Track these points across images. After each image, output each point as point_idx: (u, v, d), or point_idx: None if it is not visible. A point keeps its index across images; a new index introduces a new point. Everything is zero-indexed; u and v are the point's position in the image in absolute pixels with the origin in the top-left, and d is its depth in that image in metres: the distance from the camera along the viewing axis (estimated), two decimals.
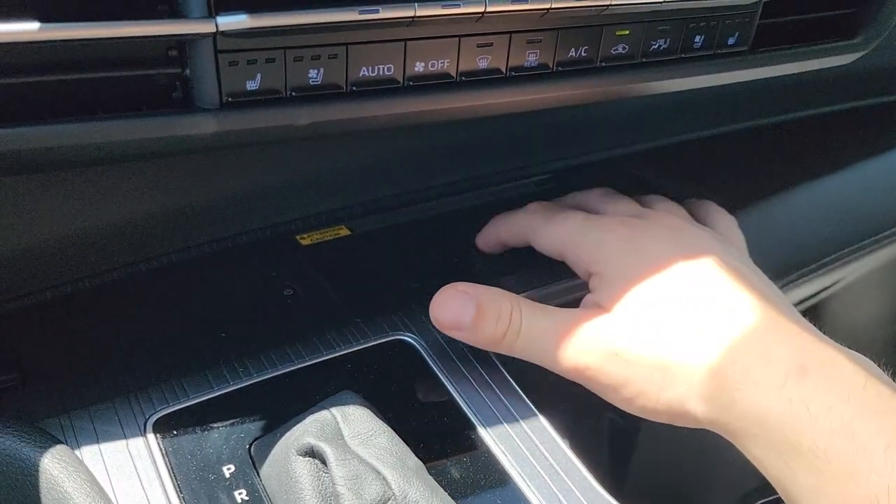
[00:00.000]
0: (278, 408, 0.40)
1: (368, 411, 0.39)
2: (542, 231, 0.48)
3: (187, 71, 0.36)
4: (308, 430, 0.37)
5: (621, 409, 0.42)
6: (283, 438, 0.38)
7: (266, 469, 0.38)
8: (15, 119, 0.33)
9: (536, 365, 0.43)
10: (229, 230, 0.53)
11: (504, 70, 0.41)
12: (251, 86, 0.36)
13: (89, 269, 0.49)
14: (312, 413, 0.38)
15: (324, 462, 0.36)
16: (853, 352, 0.40)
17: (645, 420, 0.42)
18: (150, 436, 0.39)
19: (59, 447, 0.37)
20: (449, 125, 0.53)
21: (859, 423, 0.34)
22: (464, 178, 0.61)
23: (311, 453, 0.36)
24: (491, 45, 0.40)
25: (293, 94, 0.37)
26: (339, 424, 0.37)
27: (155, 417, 0.40)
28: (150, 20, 0.33)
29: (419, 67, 0.39)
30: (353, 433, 0.37)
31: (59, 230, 0.46)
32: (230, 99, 0.36)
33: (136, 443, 0.38)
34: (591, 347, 0.41)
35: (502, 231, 0.51)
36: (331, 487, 0.35)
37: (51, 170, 0.38)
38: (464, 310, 0.43)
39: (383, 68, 0.38)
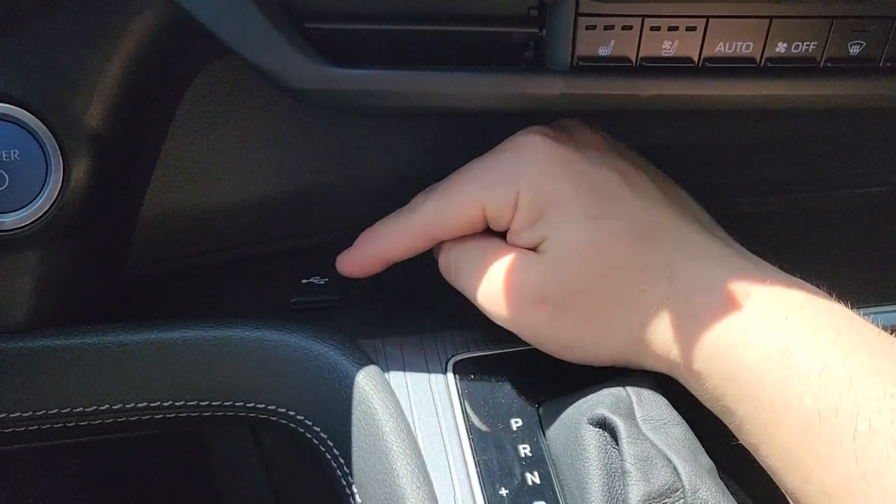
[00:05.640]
0: (571, 375, 0.41)
1: (664, 399, 0.37)
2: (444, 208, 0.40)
3: (543, 32, 0.36)
4: (602, 401, 0.37)
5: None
6: (574, 405, 0.38)
7: (553, 431, 0.38)
8: (378, 63, 0.36)
9: None
10: None
11: None
12: (603, 51, 0.36)
13: None
14: (607, 387, 0.38)
15: (613, 437, 0.36)
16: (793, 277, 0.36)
17: None
18: (450, 375, 0.41)
19: (372, 367, 0.40)
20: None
21: (795, 344, 0.33)
22: None
23: (603, 425, 0.36)
24: (867, 30, 0.36)
25: (643, 63, 0.36)
26: (634, 404, 0.37)
27: (455, 359, 0.42)
28: None
29: (781, 48, 0.36)
30: (647, 416, 0.36)
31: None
32: (580, 63, 0.36)
33: (437, 378, 0.41)
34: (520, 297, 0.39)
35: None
36: (618, 463, 0.35)
37: (400, 113, 0.41)
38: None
39: (741, 45, 0.36)
